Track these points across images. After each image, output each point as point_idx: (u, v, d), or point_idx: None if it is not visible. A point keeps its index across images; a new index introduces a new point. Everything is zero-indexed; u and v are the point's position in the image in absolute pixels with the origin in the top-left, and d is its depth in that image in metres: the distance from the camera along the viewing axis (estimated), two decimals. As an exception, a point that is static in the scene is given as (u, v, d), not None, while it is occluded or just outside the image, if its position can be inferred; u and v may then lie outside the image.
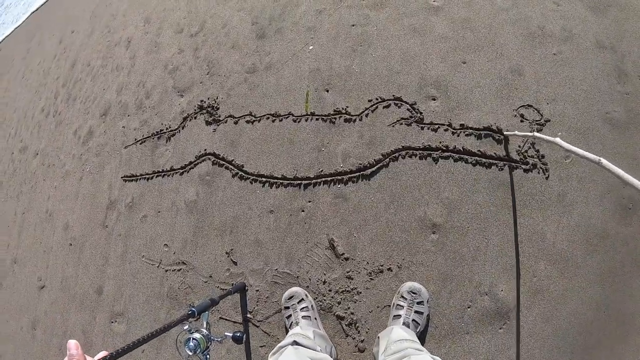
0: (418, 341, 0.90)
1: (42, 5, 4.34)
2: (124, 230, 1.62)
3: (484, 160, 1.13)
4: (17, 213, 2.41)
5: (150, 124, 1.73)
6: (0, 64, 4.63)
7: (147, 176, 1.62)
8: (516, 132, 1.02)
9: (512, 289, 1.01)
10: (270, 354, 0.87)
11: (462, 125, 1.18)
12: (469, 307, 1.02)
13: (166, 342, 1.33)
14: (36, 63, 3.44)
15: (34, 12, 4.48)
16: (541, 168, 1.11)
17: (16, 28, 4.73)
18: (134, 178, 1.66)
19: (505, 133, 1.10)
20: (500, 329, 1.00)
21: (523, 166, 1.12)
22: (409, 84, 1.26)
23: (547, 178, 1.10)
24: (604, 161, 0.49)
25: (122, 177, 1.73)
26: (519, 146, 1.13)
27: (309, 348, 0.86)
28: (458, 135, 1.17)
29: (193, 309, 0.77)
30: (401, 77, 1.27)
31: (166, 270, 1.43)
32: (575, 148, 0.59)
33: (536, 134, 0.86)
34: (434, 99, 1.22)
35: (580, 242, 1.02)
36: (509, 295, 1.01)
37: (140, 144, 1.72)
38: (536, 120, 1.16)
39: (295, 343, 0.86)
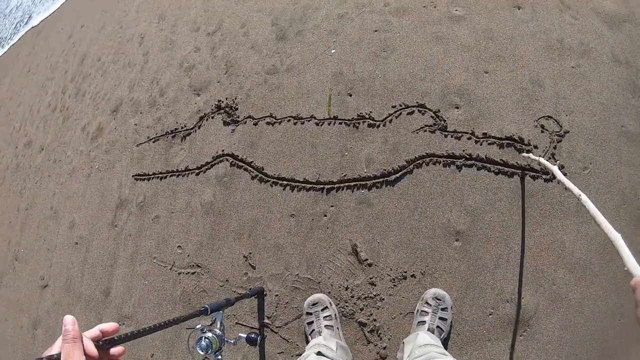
0: (442, 347, 0.84)
1: (41, 21, 3.79)
2: (134, 230, 1.47)
3: (506, 169, 1.06)
4: (20, 209, 2.19)
5: (164, 122, 1.58)
6: (5, 59, 4.27)
7: (160, 175, 1.47)
8: (530, 155, 0.97)
9: (533, 297, 0.95)
10: None
11: (484, 134, 1.11)
12: (490, 314, 0.96)
13: (177, 347, 1.20)
14: (43, 57, 3.17)
15: (33, 27, 3.94)
16: (560, 178, 1.05)
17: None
18: (146, 177, 1.51)
19: (523, 155, 1.04)
20: (520, 335, 0.94)
21: (543, 176, 1.06)
22: (432, 91, 1.18)
23: (566, 188, 1.05)
24: (583, 197, 0.47)
25: (133, 176, 1.57)
26: (540, 156, 1.07)
27: (332, 358, 0.80)
28: (481, 144, 1.10)
29: (206, 306, 0.70)
30: (425, 85, 1.19)
31: (179, 273, 1.29)
32: (565, 179, 0.57)
33: (541, 159, 0.82)
34: (457, 107, 1.15)
35: (598, 251, 0.97)
36: (530, 302, 0.95)
37: (154, 142, 1.57)
38: (556, 132, 1.10)
39: (319, 354, 0.80)
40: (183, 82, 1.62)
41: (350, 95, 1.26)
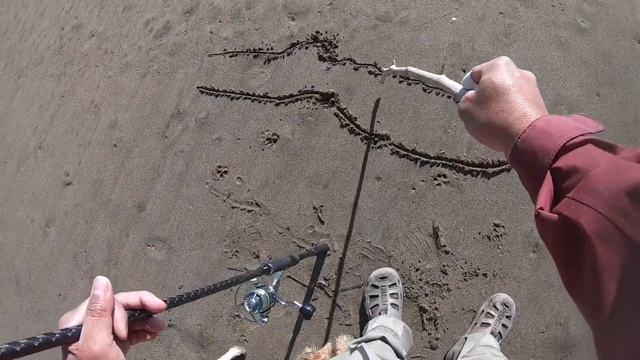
0: (503, 355, 0.64)
1: None
2: (188, 147, 1.02)
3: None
4: (55, 95, 1.57)
5: (247, 38, 1.08)
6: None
7: (231, 94, 1.00)
8: (382, 68, 0.76)
9: (583, 326, 0.73)
10: (354, 342, 0.57)
11: (589, 154, 0.78)
12: (542, 332, 0.75)
13: (210, 282, 0.83)
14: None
15: None
16: None
17: None
18: (213, 92, 1.03)
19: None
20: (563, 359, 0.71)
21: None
22: (545, 95, 0.84)
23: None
24: (410, 68, 0.43)
25: (198, 87, 1.08)
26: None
27: (396, 348, 0.58)
28: (584, 163, 0.78)
29: (270, 264, 0.48)
30: (540, 86, 0.82)
31: (233, 207, 0.90)
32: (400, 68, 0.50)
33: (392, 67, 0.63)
34: (569, 119, 0.80)
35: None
36: (579, 331, 0.74)
37: (230, 56, 1.07)
38: None
39: (384, 339, 0.58)
40: (277, 1, 1.08)
41: (465, 72, 0.86)
